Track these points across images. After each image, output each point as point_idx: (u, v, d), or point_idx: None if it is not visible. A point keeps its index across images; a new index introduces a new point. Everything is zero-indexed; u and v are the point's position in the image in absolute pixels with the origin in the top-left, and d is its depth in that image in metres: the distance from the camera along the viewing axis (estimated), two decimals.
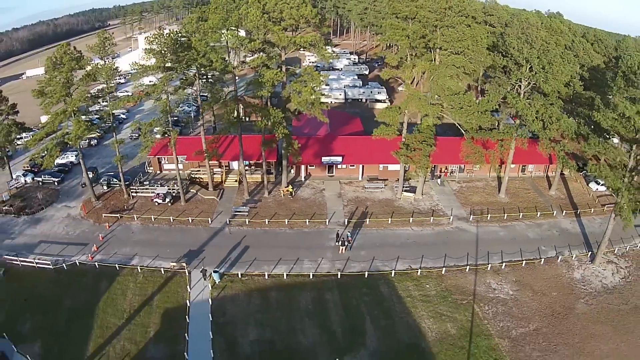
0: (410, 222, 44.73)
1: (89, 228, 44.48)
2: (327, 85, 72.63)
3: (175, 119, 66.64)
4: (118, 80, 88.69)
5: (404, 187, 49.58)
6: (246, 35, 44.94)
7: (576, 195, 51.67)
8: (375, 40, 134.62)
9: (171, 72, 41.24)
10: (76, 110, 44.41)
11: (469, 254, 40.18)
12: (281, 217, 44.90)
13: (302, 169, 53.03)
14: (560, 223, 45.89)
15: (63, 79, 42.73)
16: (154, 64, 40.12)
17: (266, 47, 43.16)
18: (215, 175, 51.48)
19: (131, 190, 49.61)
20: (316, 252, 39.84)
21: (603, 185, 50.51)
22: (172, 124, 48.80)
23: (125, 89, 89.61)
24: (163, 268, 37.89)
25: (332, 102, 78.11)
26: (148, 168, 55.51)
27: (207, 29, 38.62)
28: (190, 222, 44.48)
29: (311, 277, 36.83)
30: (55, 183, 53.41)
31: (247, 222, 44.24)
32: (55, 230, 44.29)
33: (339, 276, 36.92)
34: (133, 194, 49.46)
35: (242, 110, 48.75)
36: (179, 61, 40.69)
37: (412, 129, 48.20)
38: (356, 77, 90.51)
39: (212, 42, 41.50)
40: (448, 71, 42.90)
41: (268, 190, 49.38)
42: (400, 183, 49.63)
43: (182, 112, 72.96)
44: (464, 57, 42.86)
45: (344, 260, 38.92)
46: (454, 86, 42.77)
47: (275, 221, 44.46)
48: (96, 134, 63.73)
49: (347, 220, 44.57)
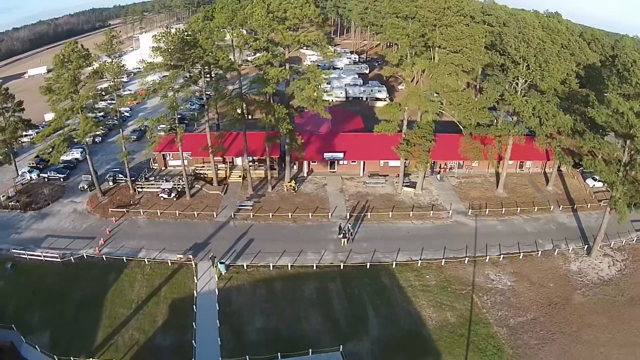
0: (411, 216, 45.85)
1: (96, 222, 45.36)
2: (328, 83, 73.57)
3: (179, 117, 67.58)
4: (121, 78, 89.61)
5: (404, 183, 50.73)
6: (250, 34, 45.80)
7: (573, 191, 52.73)
8: (376, 40, 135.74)
9: (178, 69, 42.19)
10: (83, 107, 45.35)
11: (468, 247, 41.28)
12: (285, 211, 45.94)
13: (305, 165, 54.16)
14: (557, 217, 46.94)
15: (71, 76, 43.62)
16: (161, 61, 41.07)
17: (270, 45, 44.22)
18: (220, 171, 52.53)
19: (137, 186, 50.57)
20: (319, 245, 40.92)
21: (600, 181, 51.57)
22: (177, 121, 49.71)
23: (129, 88, 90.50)
24: (170, 260, 38.85)
25: (333, 100, 79.14)
26: (153, 164, 56.53)
27: (213, 27, 39.60)
28: (195, 216, 45.52)
29: (315, 268, 37.94)
30: (61, 179, 54.25)
31: (252, 216, 45.30)
32: (62, 225, 45.08)
33: (341, 267, 38.04)
34: (139, 189, 50.42)
35: (245, 108, 49.81)
36: (185, 59, 41.66)
37: (412, 125, 49.35)
38: (357, 76, 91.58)
39: (217, 41, 42.51)
40: (447, 69, 44.05)
41: (271, 185, 50.46)
42: (400, 178, 50.76)
43: (188, 110, 73.89)
44: (462, 55, 43.99)
45: (346, 252, 40.02)
46: (453, 83, 43.89)
47: (279, 215, 45.50)
48: (100, 132, 64.63)
49: (349, 214, 45.69)
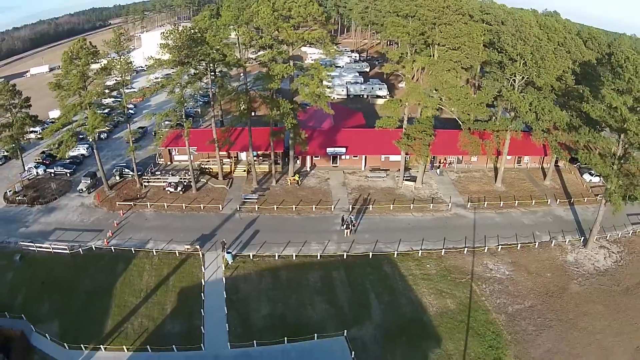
0: (411, 208, 47.02)
1: (103, 216, 46.22)
2: (331, 80, 74.63)
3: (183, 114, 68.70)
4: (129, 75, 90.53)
5: (405, 177, 51.95)
6: (254, 32, 46.89)
7: (570, 185, 53.89)
8: (376, 39, 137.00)
9: (185, 66, 43.24)
10: (91, 103, 46.33)
11: (467, 238, 42.44)
12: (289, 204, 47.06)
13: (308, 160, 55.33)
14: (554, 211, 48.10)
15: (79, 72, 44.58)
16: (168, 58, 42.12)
17: (274, 43, 45.34)
18: (225, 166, 53.65)
19: (143, 180, 51.60)
20: (323, 235, 42.06)
21: (596, 176, 52.67)
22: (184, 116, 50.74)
23: (132, 85, 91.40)
24: (177, 251, 39.85)
25: (334, 97, 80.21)
26: (159, 159, 57.59)
27: (220, 25, 40.70)
28: (202, 208, 46.59)
29: (319, 257, 39.07)
30: (68, 174, 55.14)
31: (257, 209, 46.41)
32: (69, 218, 45.91)
33: (344, 257, 39.19)
34: (145, 183, 51.44)
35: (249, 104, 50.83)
36: (193, 56, 42.74)
37: (412, 122, 50.46)
38: (357, 74, 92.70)
39: (223, 38, 43.62)
40: (446, 65, 45.31)
41: (275, 179, 51.61)
42: (401, 173, 51.98)
43: (192, 107, 74.92)
44: (461, 52, 45.22)
45: (349, 243, 41.18)
46: (452, 79, 45.07)
47: (283, 207, 46.61)
48: (106, 128, 65.62)
49: (351, 207, 46.87)
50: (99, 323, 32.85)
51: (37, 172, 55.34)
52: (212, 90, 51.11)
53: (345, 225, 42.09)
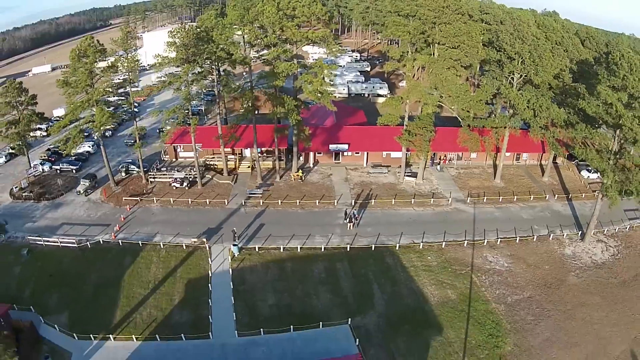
0: (412, 203, 48.04)
1: (110, 211, 47.00)
2: (334, 76, 75.42)
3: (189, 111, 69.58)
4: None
5: (406, 173, 52.98)
6: (260, 31, 47.91)
7: (568, 182, 54.84)
8: (376, 39, 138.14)
9: (192, 63, 44.19)
10: (98, 100, 47.21)
11: (467, 231, 43.46)
12: (293, 199, 48.04)
13: (311, 156, 56.33)
14: (552, 206, 49.10)
15: (87, 69, 45.44)
16: (175, 56, 43.08)
17: (278, 42, 46.33)
18: (229, 162, 54.60)
19: (149, 176, 52.51)
20: (326, 229, 43.05)
21: (594, 172, 53.63)
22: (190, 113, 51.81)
23: (135, 84, 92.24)
24: (184, 244, 40.75)
25: (336, 96, 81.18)
26: (164, 156, 58.51)
27: (226, 23, 41.70)
28: (207, 203, 47.53)
29: (323, 250, 40.07)
30: (74, 171, 55.91)
31: (261, 203, 47.41)
32: (76, 213, 46.61)
33: (348, 249, 40.20)
34: (151, 179, 52.34)
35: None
36: (199, 54, 43.71)
37: (412, 119, 51.44)
38: (359, 74, 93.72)
39: (229, 37, 44.63)
40: (446, 63, 46.40)
41: (279, 175, 52.61)
42: (402, 169, 53.01)
43: (196, 105, 75.72)
44: (460, 50, 46.30)
45: (352, 236, 42.17)
46: (451, 77, 46.13)
47: (287, 202, 47.60)
48: (111, 125, 66.44)
49: (354, 201, 47.90)
50: (107, 314, 33.52)
51: (42, 169, 56.04)
52: (218, 88, 52.09)
53: (348, 219, 43.11)
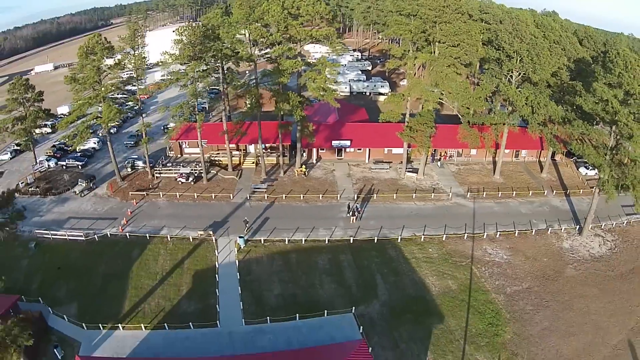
0: (413, 197, 49.10)
1: (117, 205, 47.82)
2: (338, 74, 76.17)
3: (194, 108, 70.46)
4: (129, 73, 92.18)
5: (407, 168, 53.97)
6: (265, 29, 48.86)
7: (566, 178, 55.80)
8: (377, 38, 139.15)
9: (198, 61, 45.10)
10: (105, 96, 48.08)
11: (467, 225, 44.43)
12: (296, 193, 49.05)
13: (314, 152, 57.30)
14: (550, 201, 50.05)
15: (95, 66, 46.29)
16: (183, 53, 43.99)
17: (283, 40, 47.32)
18: (234, 158, 55.54)
19: (155, 172, 53.40)
20: (330, 222, 44.04)
21: (592, 169, 54.56)
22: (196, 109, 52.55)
23: (142, 80, 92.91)
24: (191, 236, 41.58)
25: (338, 94, 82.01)
26: (169, 152, 59.45)
27: (233, 22, 42.67)
28: (213, 197, 48.48)
29: (326, 242, 41.04)
30: (79, 167, 56.82)
31: (266, 197, 48.39)
32: (83, 208, 47.39)
33: (351, 241, 41.17)
34: (157, 174, 53.25)
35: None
36: (206, 51, 44.65)
37: (414, 116, 52.45)
38: (360, 72, 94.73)
39: (235, 35, 45.64)
40: (446, 61, 47.40)
41: (283, 170, 53.57)
42: (403, 164, 54.01)
43: (200, 103, 76.41)
44: (460, 49, 47.31)
45: (355, 229, 43.15)
46: (451, 74, 47.14)
47: (291, 196, 48.61)
48: (116, 122, 67.20)
49: (356, 196, 48.93)
50: (116, 304, 34.09)
51: (48, 165, 56.80)
52: (223, 85, 53.09)
53: (351, 213, 44.09)
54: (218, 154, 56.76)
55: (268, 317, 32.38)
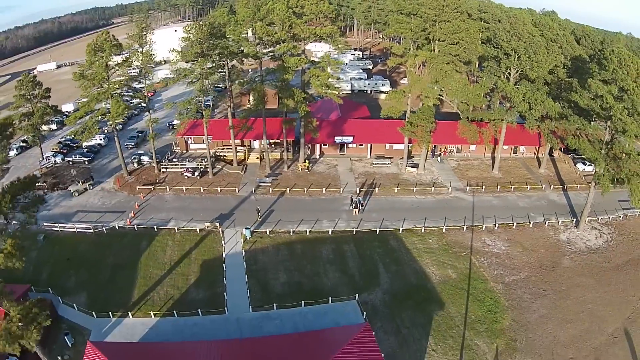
0: (414, 191, 50.32)
1: (124, 199, 48.70)
2: (340, 72, 77.32)
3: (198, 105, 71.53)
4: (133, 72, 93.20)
5: (408, 163, 55.23)
6: (270, 28, 50.00)
7: (564, 174, 56.95)
8: (378, 38, 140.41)
9: (206, 57, 46.27)
10: (113, 93, 49.10)
11: (466, 217, 45.63)
12: (300, 187, 50.26)
13: (317, 148, 58.51)
14: (548, 195, 51.21)
15: (104, 63, 47.29)
16: (190, 50, 45.15)
17: (287, 38, 48.49)
18: (239, 153, 56.72)
19: (161, 167, 54.52)
20: (333, 214, 45.21)
21: (590, 165, 55.66)
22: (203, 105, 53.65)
23: (150, 76, 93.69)
24: (198, 228, 42.64)
25: (341, 91, 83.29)
26: (175, 147, 60.59)
27: (238, 20, 43.88)
28: (219, 191, 49.62)
29: (330, 233, 42.20)
30: (86, 162, 57.76)
31: (271, 191, 49.54)
32: (91, 202, 48.22)
33: (354, 232, 42.35)
34: (163, 169, 54.35)
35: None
36: (213, 48, 45.84)
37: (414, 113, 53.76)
38: (361, 71, 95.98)
39: (241, 33, 46.88)
40: (445, 59, 48.65)
41: (287, 165, 54.80)
42: (404, 160, 55.25)
43: (206, 100, 77.40)
44: (459, 47, 48.56)
45: (357, 221, 44.34)
46: (451, 71, 48.39)
47: (295, 190, 49.79)
48: (121, 119, 68.18)
49: (358, 189, 50.17)
50: (126, 293, 34.83)
51: (55, 161, 57.68)
52: (227, 82, 54.22)
53: (353, 205, 45.31)
54: (223, 149, 57.93)
55: (274, 304, 33.44)
